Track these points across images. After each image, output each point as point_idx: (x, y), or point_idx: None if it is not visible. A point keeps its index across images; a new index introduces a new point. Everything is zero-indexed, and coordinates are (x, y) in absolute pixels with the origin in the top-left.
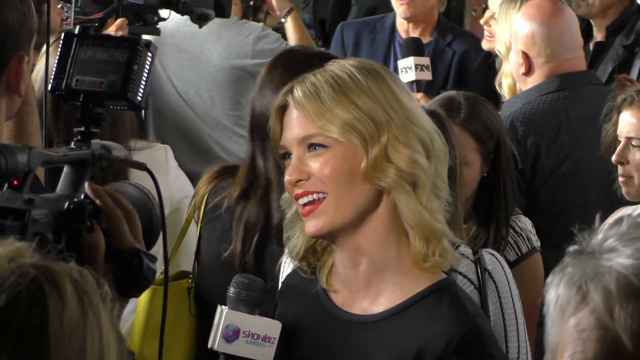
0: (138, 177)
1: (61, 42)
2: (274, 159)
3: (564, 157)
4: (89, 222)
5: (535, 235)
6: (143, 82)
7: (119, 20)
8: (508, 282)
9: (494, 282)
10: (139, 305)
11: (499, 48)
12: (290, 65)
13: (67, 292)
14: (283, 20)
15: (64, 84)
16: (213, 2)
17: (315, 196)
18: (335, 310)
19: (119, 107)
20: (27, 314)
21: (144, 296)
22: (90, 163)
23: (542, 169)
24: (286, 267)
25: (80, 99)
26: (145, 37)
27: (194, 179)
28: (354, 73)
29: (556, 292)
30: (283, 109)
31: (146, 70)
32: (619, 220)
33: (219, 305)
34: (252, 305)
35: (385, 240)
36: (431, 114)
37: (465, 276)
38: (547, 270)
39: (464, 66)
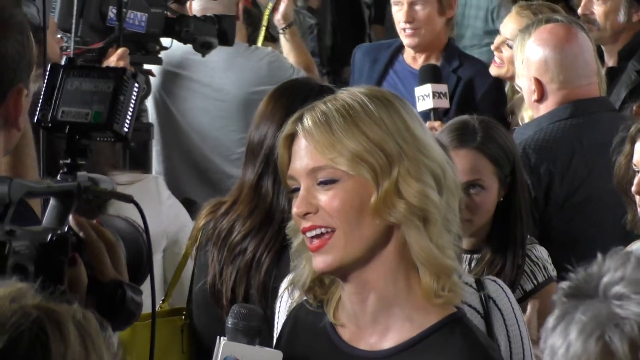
0: (130, 211)
1: (47, 73)
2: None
3: (577, 185)
4: (71, 255)
5: (552, 265)
6: (130, 113)
7: (120, 50)
8: (513, 309)
9: (499, 309)
10: (119, 343)
11: (519, 82)
12: (291, 97)
13: (70, 334)
14: (281, 31)
15: (49, 115)
16: (216, 30)
17: (323, 230)
18: (342, 345)
19: (105, 139)
20: (29, 355)
21: (125, 334)
22: (76, 195)
23: (555, 197)
24: (283, 304)
25: (66, 131)
26: (147, 66)
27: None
28: (365, 102)
29: (565, 339)
30: (291, 137)
31: (133, 101)
32: (625, 260)
33: (218, 337)
34: (251, 336)
35: (395, 275)
36: None
37: (470, 305)
38: None
39: (469, 93)
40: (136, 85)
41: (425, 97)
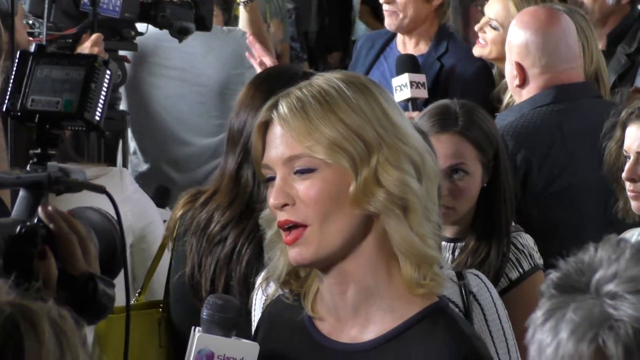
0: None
1: (17, 60)
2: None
3: (557, 173)
4: (40, 247)
5: (538, 253)
6: (101, 101)
7: (94, 36)
8: (494, 304)
9: (480, 304)
10: (95, 337)
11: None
12: (272, 84)
13: (45, 333)
14: (242, 3)
15: (19, 104)
16: (193, 15)
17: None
18: (322, 339)
19: (76, 128)
20: (1, 353)
21: (99, 327)
22: (47, 186)
23: (533, 186)
24: (258, 300)
25: (36, 120)
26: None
27: None
28: (342, 88)
29: (554, 337)
30: (266, 125)
31: (104, 89)
32: (619, 253)
33: (193, 328)
34: (227, 328)
35: (375, 266)
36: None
37: (449, 299)
38: None
39: (453, 80)
40: (108, 72)
41: (402, 87)
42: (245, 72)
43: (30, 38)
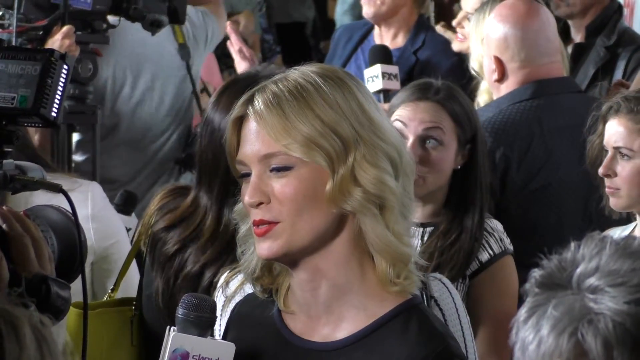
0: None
1: None
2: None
3: (536, 170)
4: None
5: (508, 239)
6: (58, 97)
7: (65, 28)
8: (457, 309)
9: (441, 309)
10: (67, 334)
11: (473, 65)
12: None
13: (26, 337)
14: None
15: None
16: (166, 7)
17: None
18: (293, 338)
19: (32, 124)
20: None
21: (72, 322)
22: (2, 185)
23: (512, 184)
24: (219, 302)
25: None
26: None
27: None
28: (318, 83)
29: (536, 334)
30: (241, 120)
31: (61, 84)
32: (600, 248)
33: (168, 327)
34: (202, 327)
35: (348, 263)
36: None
37: None
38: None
39: (426, 74)
40: (65, 67)
41: (374, 78)
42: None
43: (0, 30)
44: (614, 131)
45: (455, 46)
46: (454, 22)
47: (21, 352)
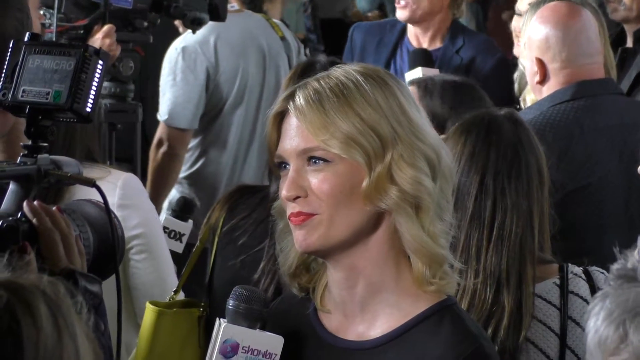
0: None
1: (9, 49)
2: None
3: (575, 171)
4: (21, 243)
5: None
6: (93, 92)
7: (106, 27)
8: None
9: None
10: (142, 330)
11: (525, 64)
12: None
13: (42, 315)
14: None
15: (10, 95)
16: (207, 5)
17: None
18: (328, 337)
19: (66, 120)
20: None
21: (149, 320)
22: (36, 179)
23: (552, 184)
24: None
25: (27, 111)
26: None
27: None
28: (360, 81)
29: (595, 323)
30: (282, 115)
31: (96, 79)
32: None
33: (217, 319)
34: (252, 319)
35: (384, 262)
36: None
37: (585, 300)
38: None
39: (473, 73)
40: (100, 62)
41: None
42: None
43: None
44: None
45: (515, 51)
46: (512, 27)
47: (38, 334)
